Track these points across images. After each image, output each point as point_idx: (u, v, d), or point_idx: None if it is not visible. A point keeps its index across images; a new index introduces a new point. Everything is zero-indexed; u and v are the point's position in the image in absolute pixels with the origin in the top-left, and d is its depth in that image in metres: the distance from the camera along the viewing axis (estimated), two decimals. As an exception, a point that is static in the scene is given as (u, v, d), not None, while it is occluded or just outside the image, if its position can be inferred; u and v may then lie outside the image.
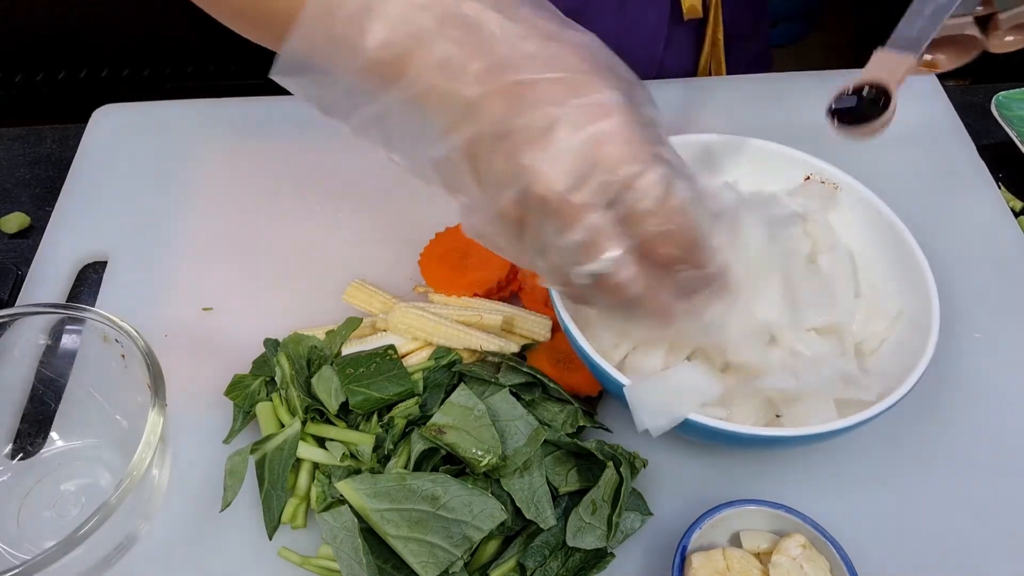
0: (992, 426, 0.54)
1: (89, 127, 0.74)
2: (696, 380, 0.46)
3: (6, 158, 0.75)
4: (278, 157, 0.71)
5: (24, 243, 0.68)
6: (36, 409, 0.54)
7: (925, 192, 0.68)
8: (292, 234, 0.65)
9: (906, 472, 0.52)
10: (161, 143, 0.72)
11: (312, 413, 0.52)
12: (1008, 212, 0.67)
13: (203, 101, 0.76)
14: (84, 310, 0.51)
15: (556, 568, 0.46)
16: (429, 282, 0.60)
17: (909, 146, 0.71)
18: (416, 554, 0.44)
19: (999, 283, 0.62)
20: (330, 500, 0.48)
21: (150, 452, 0.45)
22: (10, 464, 0.52)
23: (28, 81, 1.51)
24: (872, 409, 0.45)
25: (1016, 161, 0.71)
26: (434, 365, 0.54)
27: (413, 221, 0.64)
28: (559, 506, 0.48)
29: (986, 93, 0.74)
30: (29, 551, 0.48)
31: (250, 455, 0.50)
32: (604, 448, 0.49)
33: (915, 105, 0.75)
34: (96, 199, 0.68)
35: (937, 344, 0.48)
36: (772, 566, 0.44)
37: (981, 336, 0.59)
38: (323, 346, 0.55)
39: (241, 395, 0.54)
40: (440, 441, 0.48)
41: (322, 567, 0.48)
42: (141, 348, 0.48)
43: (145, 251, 0.65)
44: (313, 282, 0.62)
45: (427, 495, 0.46)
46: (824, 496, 0.51)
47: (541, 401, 0.52)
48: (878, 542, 0.49)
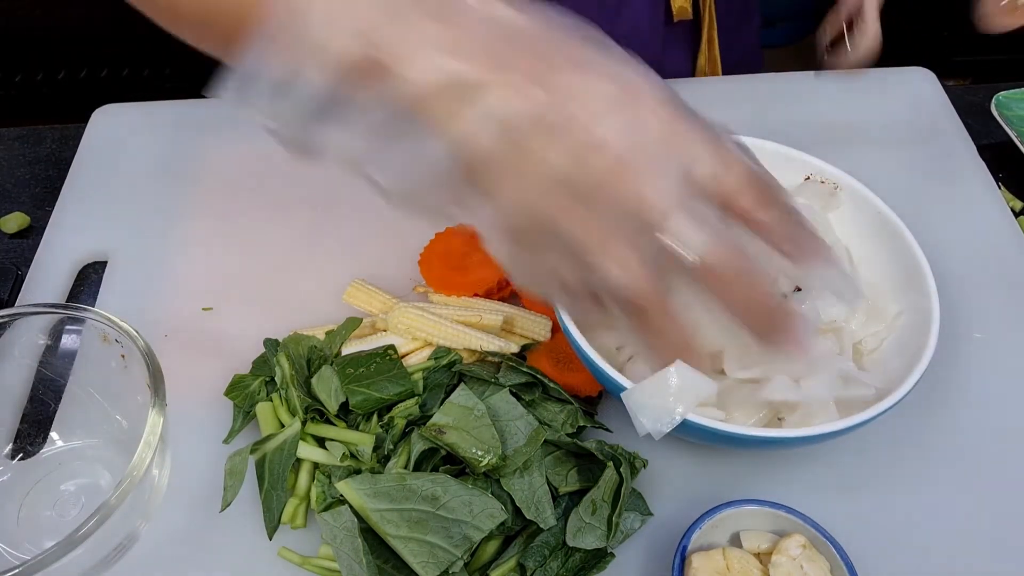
0: (992, 426, 0.54)
1: (89, 127, 0.74)
2: (693, 380, 0.46)
3: (6, 158, 0.75)
4: (278, 157, 0.70)
5: (24, 243, 0.68)
6: (36, 409, 0.54)
7: (925, 192, 0.68)
8: (292, 234, 0.65)
9: (906, 472, 0.52)
10: (161, 143, 0.72)
11: (312, 413, 0.52)
12: (1008, 212, 0.67)
13: (203, 101, 0.76)
14: (84, 310, 0.51)
15: (556, 568, 0.46)
16: (429, 282, 0.60)
17: (909, 146, 0.71)
18: (416, 554, 0.44)
19: (999, 283, 0.62)
20: (330, 500, 0.48)
21: (150, 452, 0.44)
22: (10, 464, 0.52)
23: (28, 81, 1.51)
24: (872, 409, 0.45)
25: (1016, 161, 0.71)
26: (434, 365, 0.54)
27: (413, 221, 0.64)
28: (559, 506, 0.48)
29: (986, 93, 0.74)
30: (29, 551, 0.48)
31: (250, 455, 0.50)
32: (604, 448, 0.49)
33: (915, 105, 0.75)
34: (96, 199, 0.68)
35: (937, 344, 0.48)
36: (772, 566, 0.44)
37: (981, 336, 0.59)
38: (323, 346, 0.55)
39: (241, 395, 0.54)
40: (440, 441, 0.48)
41: (322, 567, 0.48)
42: (141, 348, 0.48)
43: (145, 251, 0.65)
44: (313, 282, 0.62)
45: (427, 495, 0.46)
46: (824, 496, 0.51)
47: (541, 401, 0.52)
48: (878, 542, 0.49)
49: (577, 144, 0.36)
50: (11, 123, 0.80)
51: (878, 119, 0.73)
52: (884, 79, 0.76)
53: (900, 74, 0.77)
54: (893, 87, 0.76)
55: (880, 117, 0.73)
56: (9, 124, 0.79)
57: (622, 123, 0.36)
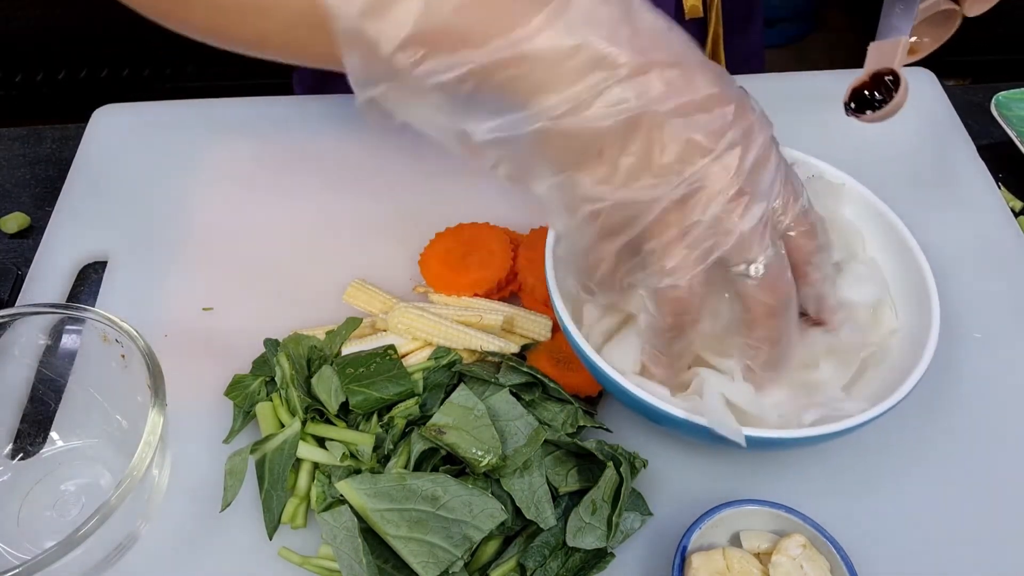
0: (992, 425, 0.54)
1: (89, 127, 0.74)
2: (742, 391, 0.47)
3: (6, 158, 0.75)
4: (278, 157, 0.71)
5: (24, 243, 0.68)
6: (36, 409, 0.54)
7: (925, 192, 0.68)
8: (292, 234, 0.65)
9: (906, 472, 0.52)
10: (161, 143, 0.72)
11: (312, 413, 0.52)
12: (1008, 212, 0.67)
13: (203, 101, 0.76)
14: (84, 310, 0.51)
15: (556, 568, 0.46)
16: (429, 282, 0.60)
17: (909, 146, 0.71)
18: (416, 554, 0.44)
19: (999, 283, 0.62)
20: (330, 500, 0.48)
21: (150, 452, 0.45)
22: (10, 464, 0.52)
23: (28, 81, 1.51)
24: (873, 410, 0.45)
25: (1016, 161, 0.71)
26: (434, 365, 0.54)
27: (413, 221, 0.64)
28: (559, 506, 0.48)
29: (986, 93, 0.74)
30: (29, 551, 0.48)
31: (250, 455, 0.50)
32: (604, 448, 0.49)
33: (915, 105, 0.74)
34: (96, 199, 0.68)
35: (936, 345, 0.48)
36: (772, 566, 0.44)
37: (981, 336, 0.59)
38: (323, 346, 0.55)
39: (241, 395, 0.54)
40: (440, 441, 0.48)
41: (322, 567, 0.48)
42: (141, 348, 0.48)
43: (145, 251, 0.65)
44: (313, 282, 0.62)
45: (427, 495, 0.46)
46: (824, 496, 0.51)
47: (541, 401, 0.52)
48: (878, 542, 0.49)
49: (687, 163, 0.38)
50: (11, 123, 0.80)
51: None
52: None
53: (900, 74, 0.77)
54: (893, 87, 0.76)
55: (880, 117, 0.73)
56: (9, 124, 0.79)
57: (736, 157, 0.38)
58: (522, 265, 0.59)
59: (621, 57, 0.36)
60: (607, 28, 0.36)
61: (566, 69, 0.36)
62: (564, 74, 0.36)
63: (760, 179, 0.39)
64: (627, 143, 0.37)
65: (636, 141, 0.37)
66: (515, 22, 0.35)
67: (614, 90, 0.36)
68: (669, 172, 0.38)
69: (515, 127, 0.37)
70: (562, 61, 0.36)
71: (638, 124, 0.37)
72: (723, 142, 0.38)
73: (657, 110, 0.37)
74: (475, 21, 0.35)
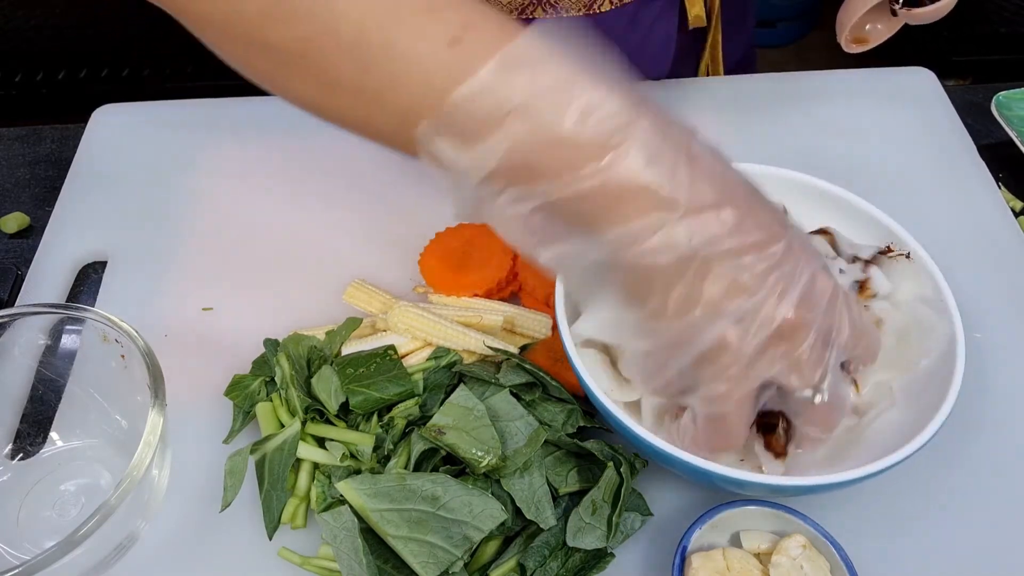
0: (992, 425, 0.54)
1: (89, 127, 0.74)
2: None
3: (6, 158, 0.75)
4: (278, 157, 0.71)
5: (24, 243, 0.68)
6: (36, 409, 0.54)
7: (925, 192, 0.68)
8: (292, 234, 0.65)
9: (905, 471, 0.52)
10: (161, 143, 0.72)
11: (312, 413, 0.52)
12: (1008, 212, 0.67)
13: (203, 101, 0.76)
14: (84, 310, 0.51)
15: (556, 568, 0.46)
16: (429, 282, 0.60)
17: (909, 146, 0.71)
18: (416, 554, 0.44)
19: (999, 283, 0.62)
20: (330, 500, 0.48)
21: (150, 452, 0.45)
22: (10, 464, 0.52)
23: (28, 81, 1.51)
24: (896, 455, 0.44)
25: (1016, 161, 0.71)
26: (434, 365, 0.54)
27: (413, 221, 0.64)
28: (559, 506, 0.48)
29: (986, 93, 0.74)
30: (29, 551, 0.48)
31: (250, 455, 0.50)
32: (604, 448, 0.49)
33: (915, 105, 0.75)
34: (96, 199, 0.68)
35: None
36: (772, 566, 0.44)
37: (981, 336, 0.59)
38: (323, 346, 0.55)
39: (241, 395, 0.54)
40: (440, 442, 0.48)
41: (322, 567, 0.48)
42: (141, 348, 0.48)
43: (145, 251, 0.65)
44: (313, 282, 0.62)
45: (427, 495, 0.46)
46: (824, 496, 0.51)
47: (541, 401, 0.52)
48: (878, 542, 0.49)
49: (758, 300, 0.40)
50: (11, 123, 0.80)
51: (878, 119, 0.73)
52: (884, 79, 0.77)
53: (900, 74, 0.77)
54: (893, 87, 0.76)
55: (880, 117, 0.73)
56: (9, 124, 0.79)
57: (778, 294, 0.40)
58: (522, 265, 0.59)
59: (680, 197, 0.38)
60: (668, 168, 0.38)
61: (629, 208, 0.38)
62: (627, 212, 0.38)
63: (806, 313, 0.40)
64: (679, 279, 0.39)
65: (687, 277, 0.39)
66: (587, 159, 0.37)
67: (671, 229, 0.38)
68: (716, 307, 0.39)
69: (577, 257, 0.41)
70: (626, 199, 0.38)
71: (690, 262, 0.39)
72: (769, 280, 0.39)
73: (710, 252, 0.39)
74: (550, 158, 0.38)
